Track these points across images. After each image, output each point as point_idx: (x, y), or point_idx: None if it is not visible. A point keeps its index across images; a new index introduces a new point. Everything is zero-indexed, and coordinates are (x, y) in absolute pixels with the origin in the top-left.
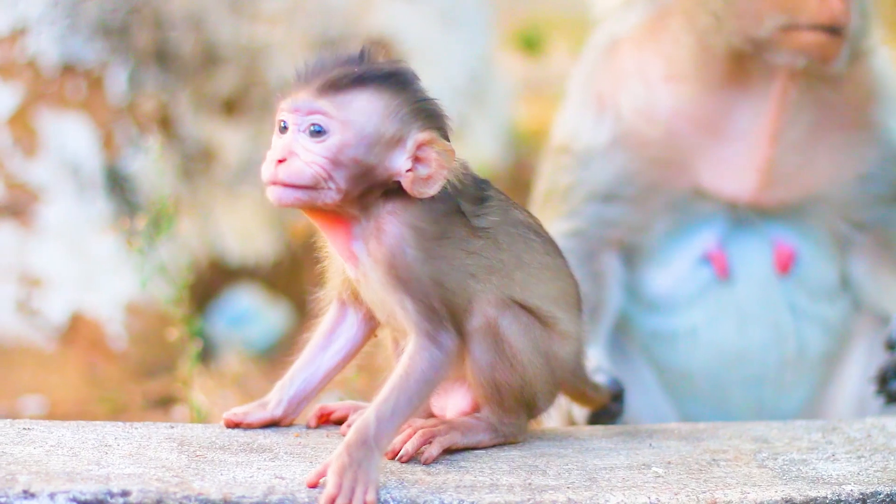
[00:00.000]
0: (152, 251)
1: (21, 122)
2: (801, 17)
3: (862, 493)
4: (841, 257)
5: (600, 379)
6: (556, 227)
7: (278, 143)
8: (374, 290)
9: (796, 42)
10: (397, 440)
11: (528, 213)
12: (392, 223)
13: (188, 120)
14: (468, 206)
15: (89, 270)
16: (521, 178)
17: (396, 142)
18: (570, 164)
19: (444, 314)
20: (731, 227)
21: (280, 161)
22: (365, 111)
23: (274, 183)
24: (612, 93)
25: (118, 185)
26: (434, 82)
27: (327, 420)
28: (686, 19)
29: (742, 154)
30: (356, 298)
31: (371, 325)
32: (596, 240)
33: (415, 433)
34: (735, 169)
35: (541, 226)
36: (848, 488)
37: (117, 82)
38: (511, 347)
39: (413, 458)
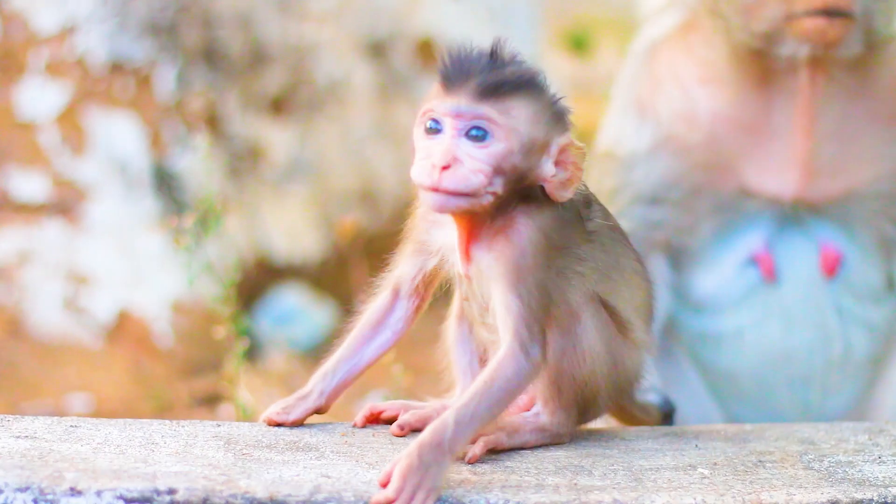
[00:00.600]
0: (199, 249)
1: (69, 120)
2: (798, 4)
3: None
4: (886, 260)
5: (652, 398)
6: None
7: (436, 148)
8: (483, 287)
9: (797, 30)
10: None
11: (615, 218)
12: (526, 225)
13: (236, 119)
14: (583, 209)
15: (136, 268)
16: None
17: (543, 147)
18: (615, 169)
19: (542, 323)
20: (778, 228)
21: (444, 168)
22: (522, 117)
23: (436, 190)
24: (650, 98)
25: (166, 183)
26: None
27: (376, 420)
28: (710, 21)
29: (781, 150)
30: (426, 287)
31: (416, 316)
32: (643, 242)
33: None
34: (777, 166)
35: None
36: (894, 490)
37: (165, 81)
38: (585, 339)
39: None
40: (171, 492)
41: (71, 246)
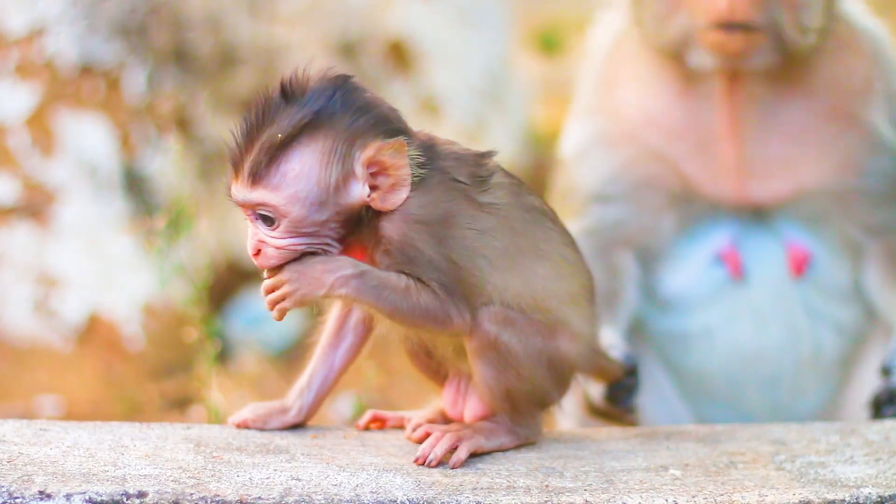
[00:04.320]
0: (170, 252)
1: (39, 122)
2: (699, 18)
3: (880, 496)
4: (855, 263)
5: (614, 354)
6: (574, 225)
7: (249, 233)
8: None
9: (702, 42)
10: (425, 445)
11: (543, 200)
12: (392, 229)
13: (206, 120)
14: (469, 181)
15: (107, 271)
16: (539, 178)
17: (346, 178)
18: (564, 171)
19: (458, 291)
20: (744, 226)
21: (255, 255)
22: (301, 177)
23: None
24: (592, 98)
25: (136, 185)
26: (452, 83)
27: (382, 426)
28: (634, 27)
29: (714, 154)
30: None
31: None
32: (607, 240)
33: (442, 437)
34: (713, 169)
35: (556, 215)
36: (866, 491)
37: (135, 83)
38: (514, 358)
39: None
40: (141, 495)
41: (41, 248)
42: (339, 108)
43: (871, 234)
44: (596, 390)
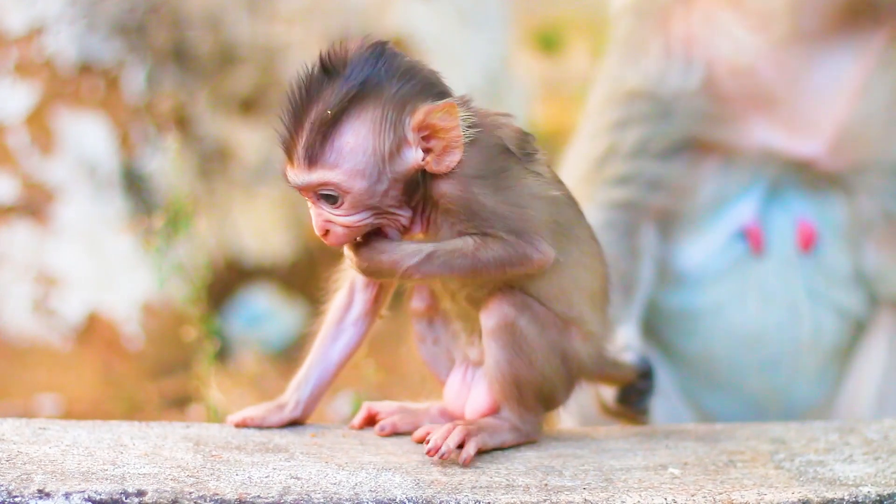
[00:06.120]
0: (169, 251)
1: (38, 121)
2: None
3: (879, 495)
4: (855, 246)
5: (628, 357)
6: (609, 196)
7: (313, 215)
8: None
9: None
10: (437, 436)
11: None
12: (451, 188)
13: (205, 119)
14: (514, 146)
15: (106, 270)
16: None
17: (399, 145)
18: (650, 111)
19: (530, 228)
20: (766, 202)
21: (324, 235)
22: (357, 150)
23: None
24: (698, 40)
25: (135, 184)
26: (452, 82)
27: (373, 422)
28: None
29: (821, 110)
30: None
31: (377, 307)
32: (642, 210)
33: (454, 429)
34: (811, 125)
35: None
36: (865, 490)
37: (135, 82)
38: (528, 345)
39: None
40: (140, 494)
41: (40, 247)
42: (384, 76)
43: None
44: (608, 392)
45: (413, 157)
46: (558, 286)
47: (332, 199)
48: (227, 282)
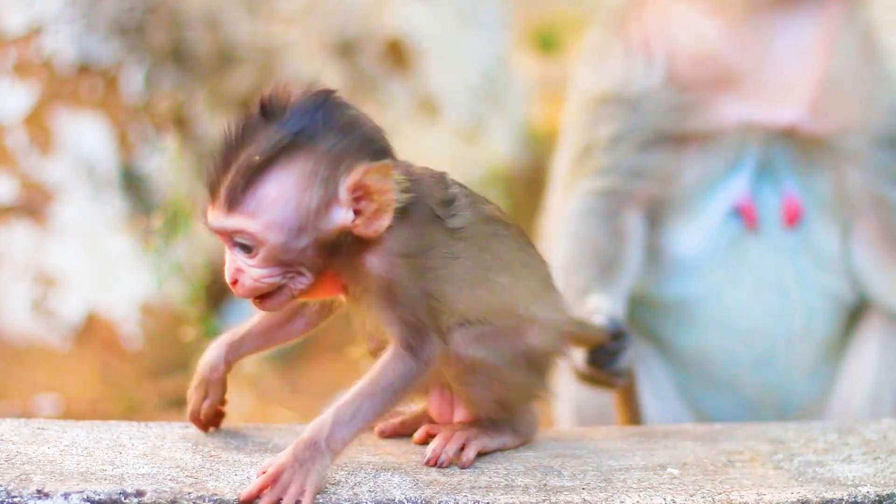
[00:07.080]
0: (168, 251)
1: (37, 121)
2: None
3: (878, 495)
4: (841, 224)
5: (598, 320)
6: (588, 185)
7: (227, 260)
8: (362, 313)
9: None
10: (436, 445)
11: (490, 202)
12: (378, 265)
13: (204, 119)
14: (440, 208)
15: (105, 270)
16: (537, 178)
17: (329, 203)
18: (619, 113)
19: (431, 324)
20: (757, 176)
21: (233, 284)
22: (279, 202)
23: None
24: (656, 36)
25: (134, 184)
26: (450, 82)
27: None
28: None
29: (793, 74)
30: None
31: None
32: (624, 197)
33: (452, 436)
34: (786, 91)
35: (505, 214)
36: (864, 490)
37: (133, 82)
38: (494, 371)
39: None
40: (139, 494)
41: (39, 247)
42: (321, 128)
43: (864, 201)
44: (579, 356)
45: (342, 217)
46: (501, 308)
47: (246, 249)
48: (225, 282)
